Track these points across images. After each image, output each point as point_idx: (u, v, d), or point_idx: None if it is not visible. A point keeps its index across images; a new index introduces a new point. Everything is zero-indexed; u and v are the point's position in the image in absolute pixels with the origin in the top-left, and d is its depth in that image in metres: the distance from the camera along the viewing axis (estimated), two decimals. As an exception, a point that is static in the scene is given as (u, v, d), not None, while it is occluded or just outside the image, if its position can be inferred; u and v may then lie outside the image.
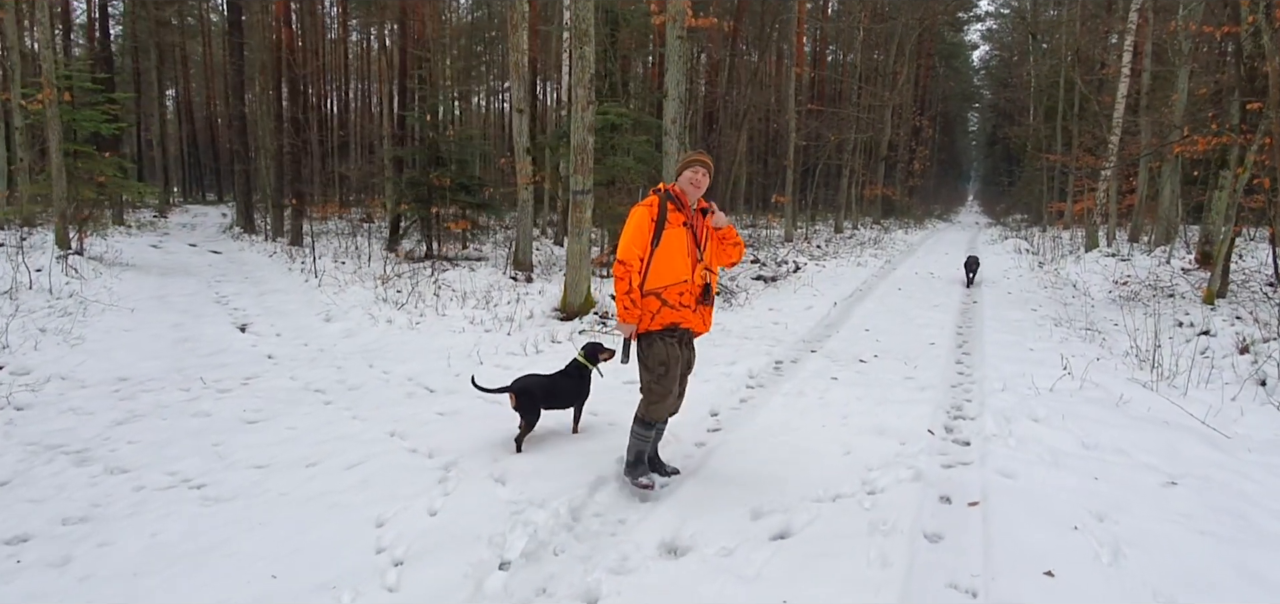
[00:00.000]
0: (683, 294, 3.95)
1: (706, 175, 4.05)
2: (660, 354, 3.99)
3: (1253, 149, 9.34)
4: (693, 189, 4.01)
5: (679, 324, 4.00)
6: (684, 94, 12.10)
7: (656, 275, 3.93)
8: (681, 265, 3.95)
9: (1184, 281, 11.93)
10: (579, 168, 8.56)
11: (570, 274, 8.89)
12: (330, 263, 14.31)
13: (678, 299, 3.97)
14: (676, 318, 3.98)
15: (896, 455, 4.64)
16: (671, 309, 3.96)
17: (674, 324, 3.99)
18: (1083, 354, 7.47)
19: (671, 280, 3.94)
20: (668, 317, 3.97)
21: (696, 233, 4.02)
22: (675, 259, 3.94)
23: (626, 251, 3.91)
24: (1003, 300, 11.24)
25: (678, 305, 3.97)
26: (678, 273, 3.95)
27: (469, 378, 5.81)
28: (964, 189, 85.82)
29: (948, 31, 48.10)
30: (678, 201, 4.01)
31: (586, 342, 6.04)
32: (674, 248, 3.93)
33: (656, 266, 3.92)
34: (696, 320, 4.07)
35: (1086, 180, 25.23)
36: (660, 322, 3.96)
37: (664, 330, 3.98)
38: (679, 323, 3.99)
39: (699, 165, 4.02)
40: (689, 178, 4.01)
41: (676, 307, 3.97)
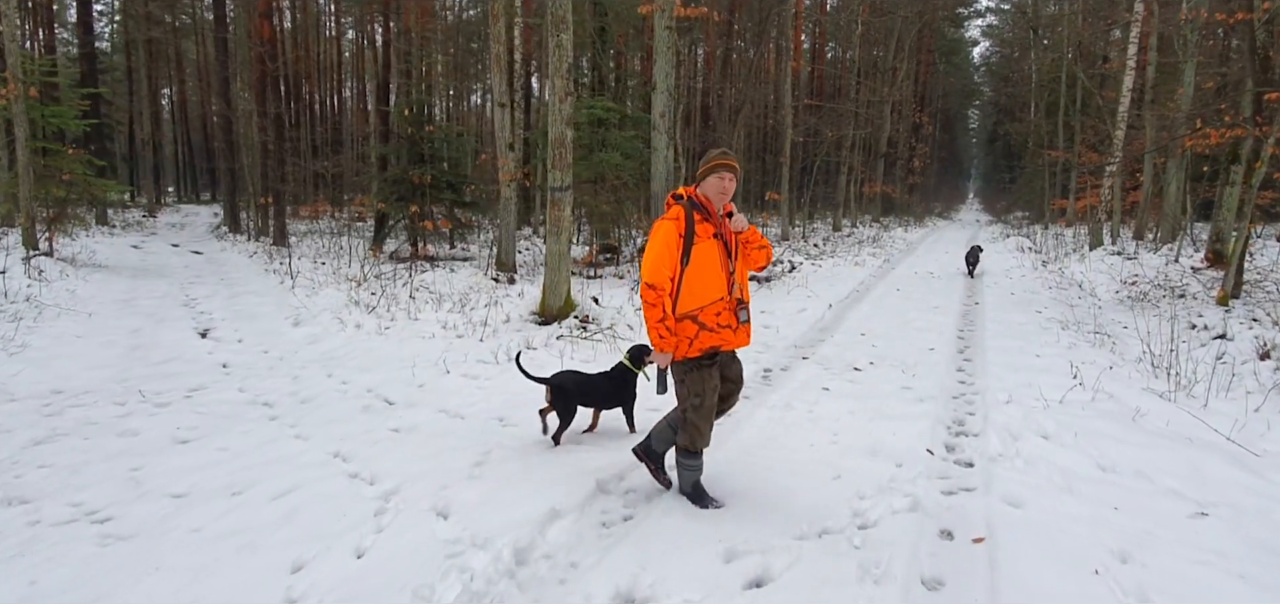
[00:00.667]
0: (721, 313, 3.59)
1: (733, 180, 3.65)
2: (697, 383, 3.63)
3: (1270, 141, 8.85)
4: (720, 196, 3.63)
5: (720, 347, 3.64)
6: (673, 87, 11.61)
7: (690, 296, 3.55)
8: (716, 282, 3.58)
9: (1195, 281, 11.44)
10: (557, 163, 8.08)
11: (549, 276, 8.41)
12: (309, 264, 13.85)
13: (716, 320, 3.59)
14: (717, 341, 3.61)
15: (891, 480, 4.16)
16: (711, 332, 3.59)
17: (714, 348, 3.62)
18: (1093, 361, 6.98)
19: (708, 300, 3.57)
20: (707, 341, 3.59)
21: (728, 243, 3.64)
22: (709, 276, 3.56)
23: (655, 273, 3.50)
24: (1006, 301, 10.75)
25: (716, 326, 3.59)
26: (713, 290, 3.57)
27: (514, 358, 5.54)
28: (964, 187, 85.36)
29: (948, 28, 47.61)
30: (704, 210, 3.61)
31: (633, 344, 5.66)
32: (707, 263, 3.55)
33: (689, 286, 3.54)
34: (739, 338, 3.72)
35: (1089, 177, 24.76)
36: (699, 347, 3.59)
37: (703, 356, 3.62)
38: (720, 346, 3.63)
39: (725, 170, 3.61)
40: (715, 184, 3.61)
41: (716, 328, 3.59)
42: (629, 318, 8.76)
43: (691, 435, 3.72)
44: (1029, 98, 34.66)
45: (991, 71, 54.62)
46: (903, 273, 14.76)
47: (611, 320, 8.52)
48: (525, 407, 5.62)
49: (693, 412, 3.67)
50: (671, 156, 11.90)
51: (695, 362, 3.62)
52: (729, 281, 3.62)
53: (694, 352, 3.59)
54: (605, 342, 7.74)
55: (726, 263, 3.61)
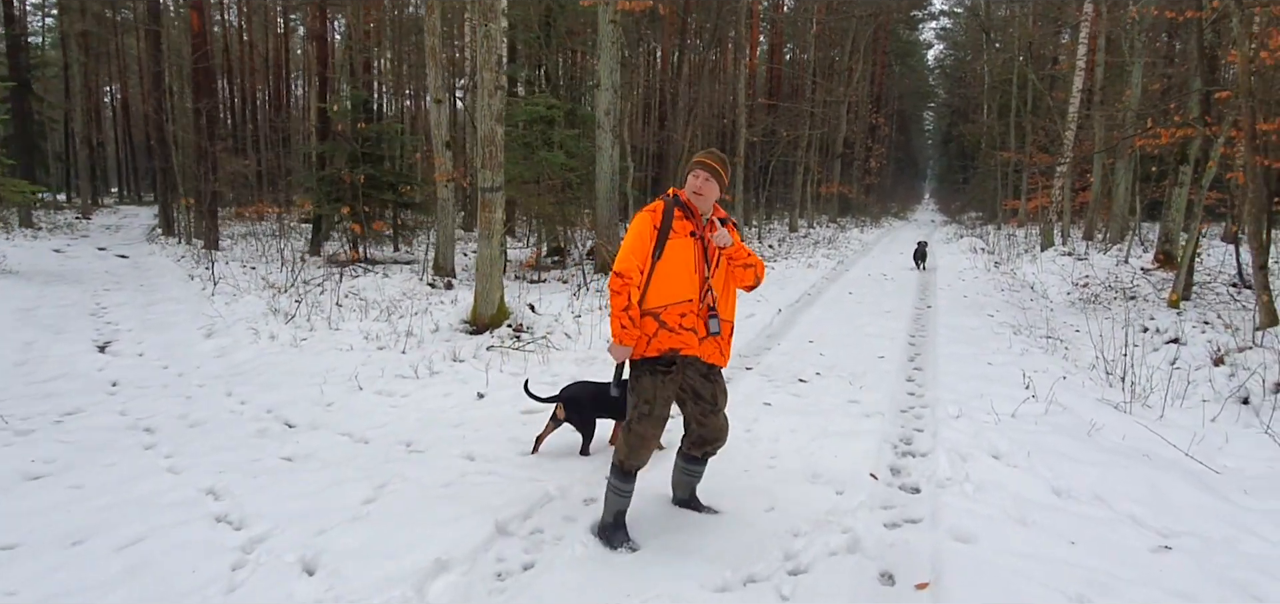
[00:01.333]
0: (685, 315, 3.38)
1: (712, 180, 3.45)
2: (648, 389, 3.39)
3: (1219, 141, 8.72)
4: (698, 197, 3.43)
5: (679, 350, 3.39)
6: (618, 84, 11.17)
7: (657, 292, 3.37)
8: (686, 282, 3.38)
9: (1145, 283, 11.36)
10: (487, 162, 7.57)
11: (480, 283, 7.89)
12: (239, 268, 13.09)
13: (679, 321, 3.37)
14: (677, 342, 3.37)
15: (830, 512, 3.76)
16: (670, 332, 3.36)
17: (672, 350, 3.39)
18: (1046, 369, 6.70)
19: (673, 299, 3.37)
20: (665, 341, 3.37)
21: (708, 247, 3.45)
22: (680, 274, 3.37)
23: (624, 262, 3.32)
24: (958, 304, 10.51)
25: (679, 328, 3.37)
26: (681, 290, 3.37)
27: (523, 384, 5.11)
28: (920, 187, 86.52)
29: (902, 30, 48.01)
30: (687, 209, 3.45)
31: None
32: (678, 261, 3.37)
33: (657, 282, 3.36)
34: (705, 349, 3.47)
35: (1040, 177, 24.95)
36: (656, 347, 3.38)
37: (660, 358, 3.39)
38: (679, 348, 3.39)
39: (700, 168, 3.46)
40: (689, 182, 3.46)
41: (677, 329, 3.37)
42: (567, 325, 8.28)
43: (630, 448, 3.41)
44: (982, 99, 34.99)
45: (945, 74, 55.33)
46: (857, 274, 14.52)
47: (548, 329, 8.03)
48: (438, 427, 5.12)
49: (638, 421, 3.39)
50: (617, 156, 11.45)
51: (651, 364, 3.39)
52: (702, 286, 3.42)
53: (651, 351, 3.37)
54: (539, 352, 7.25)
55: (701, 266, 3.42)
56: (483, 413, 5.45)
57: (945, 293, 11.76)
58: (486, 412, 5.50)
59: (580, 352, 7.43)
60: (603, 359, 7.18)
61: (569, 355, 7.26)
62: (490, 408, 5.59)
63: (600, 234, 11.69)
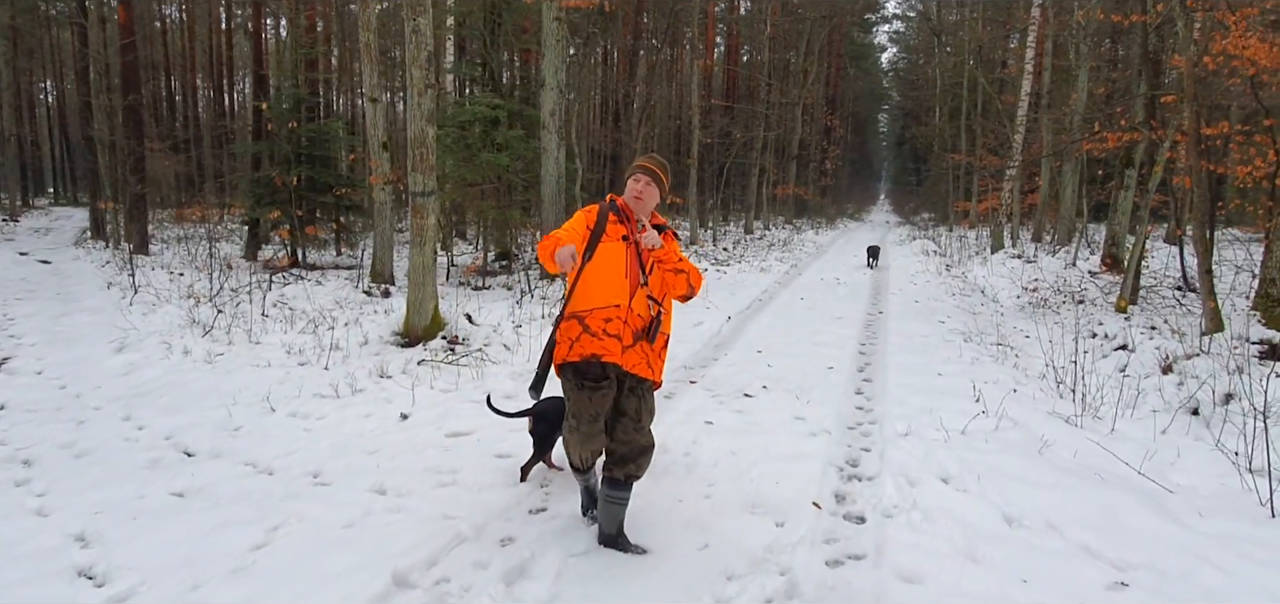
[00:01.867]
0: (610, 320, 3.23)
1: (652, 185, 3.39)
2: (572, 401, 3.35)
3: (1165, 146, 8.70)
4: (637, 202, 3.38)
5: (599, 356, 3.22)
6: (563, 83, 10.80)
7: (583, 295, 3.26)
8: (615, 287, 3.25)
9: (1093, 286, 11.38)
10: (418, 165, 7.14)
11: (412, 292, 7.46)
12: (165, 276, 12.38)
13: (603, 326, 3.23)
14: (598, 348, 3.22)
15: (768, 549, 3.46)
16: (592, 337, 3.23)
17: (593, 356, 3.23)
18: (996, 379, 6.53)
19: (599, 303, 3.24)
20: (587, 346, 3.23)
21: (642, 255, 3.33)
22: (608, 278, 3.25)
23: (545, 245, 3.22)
24: (909, 310, 10.38)
25: (602, 334, 3.22)
26: (608, 294, 3.24)
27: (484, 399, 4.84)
28: (876, 188, 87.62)
29: (856, 33, 48.43)
30: (622, 215, 3.38)
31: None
32: (608, 264, 3.26)
33: (584, 284, 3.25)
34: (630, 359, 3.29)
35: (990, 180, 25.24)
36: (578, 351, 3.25)
37: (581, 363, 3.26)
38: (599, 355, 3.22)
39: (641, 173, 3.40)
40: (629, 187, 3.41)
41: (599, 335, 3.23)
42: (506, 336, 7.90)
43: (567, 450, 3.53)
44: (934, 102, 35.40)
45: (898, 77, 56.03)
46: (809, 278, 14.36)
47: (485, 340, 7.63)
48: (352, 454, 4.70)
49: (568, 431, 3.42)
50: (563, 158, 11.08)
51: (576, 374, 3.28)
52: (631, 293, 3.27)
53: (573, 355, 3.26)
54: (473, 367, 6.85)
55: (634, 272, 3.29)
56: (403, 437, 5.05)
57: (897, 297, 11.64)
58: (408, 435, 5.10)
59: (518, 364, 7.05)
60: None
61: (505, 369, 6.87)
62: (413, 431, 5.19)
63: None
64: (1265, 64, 7.83)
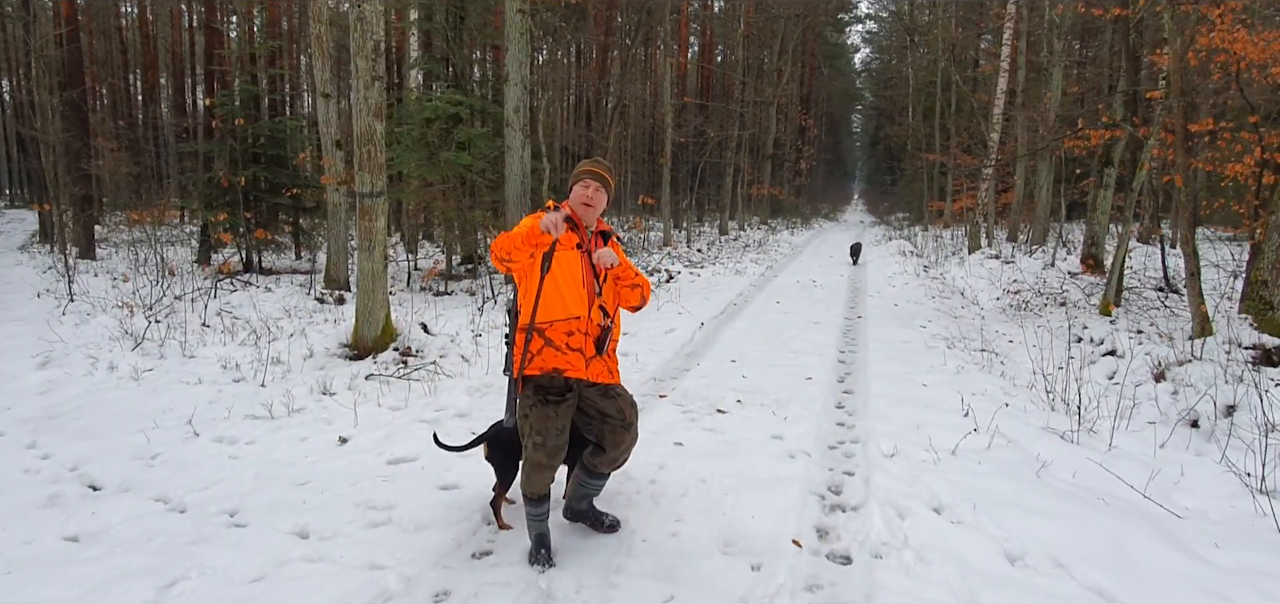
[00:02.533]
0: (572, 334, 3.19)
1: (600, 191, 3.30)
2: (538, 422, 3.22)
3: (1150, 143, 8.42)
4: (585, 208, 3.28)
5: (563, 371, 3.20)
6: (528, 79, 10.31)
7: (545, 307, 3.17)
8: (575, 298, 3.19)
9: (1074, 288, 11.11)
10: (366, 164, 6.62)
11: (361, 301, 6.93)
12: (108, 282, 11.67)
13: (565, 340, 3.19)
14: (561, 362, 3.19)
15: (743, 600, 3.02)
16: (555, 351, 3.18)
17: (556, 370, 3.20)
18: (984, 390, 6.15)
19: (560, 315, 3.17)
20: (549, 359, 3.18)
21: (592, 261, 3.27)
22: (568, 289, 3.18)
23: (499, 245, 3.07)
24: (889, 315, 10.01)
25: (564, 347, 3.19)
26: (569, 306, 3.18)
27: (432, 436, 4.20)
28: (850, 188, 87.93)
29: (830, 33, 48.38)
30: (571, 222, 3.27)
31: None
32: (566, 274, 3.17)
33: (546, 297, 3.16)
34: (592, 371, 3.28)
35: (965, 179, 25.12)
36: (539, 365, 3.19)
37: (550, 385, 3.21)
38: (563, 369, 3.20)
39: (588, 178, 3.29)
40: (577, 193, 3.29)
41: (563, 348, 3.18)
42: (464, 347, 7.39)
43: (526, 476, 3.30)
44: (907, 101, 35.35)
45: (872, 77, 56.13)
46: (785, 281, 13.99)
47: (442, 351, 7.13)
48: (278, 486, 4.19)
49: (532, 450, 3.25)
50: (528, 156, 10.59)
51: (539, 389, 3.21)
52: (590, 302, 3.23)
53: (533, 368, 3.19)
54: (426, 381, 6.34)
55: (590, 282, 3.24)
56: (339, 464, 4.54)
57: (875, 301, 11.29)
58: (345, 462, 4.59)
59: (476, 377, 6.56)
60: (501, 388, 6.33)
61: (462, 383, 6.38)
62: (350, 457, 4.68)
63: (511, 241, 10.81)
64: (1254, 57, 7.57)
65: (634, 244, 19.30)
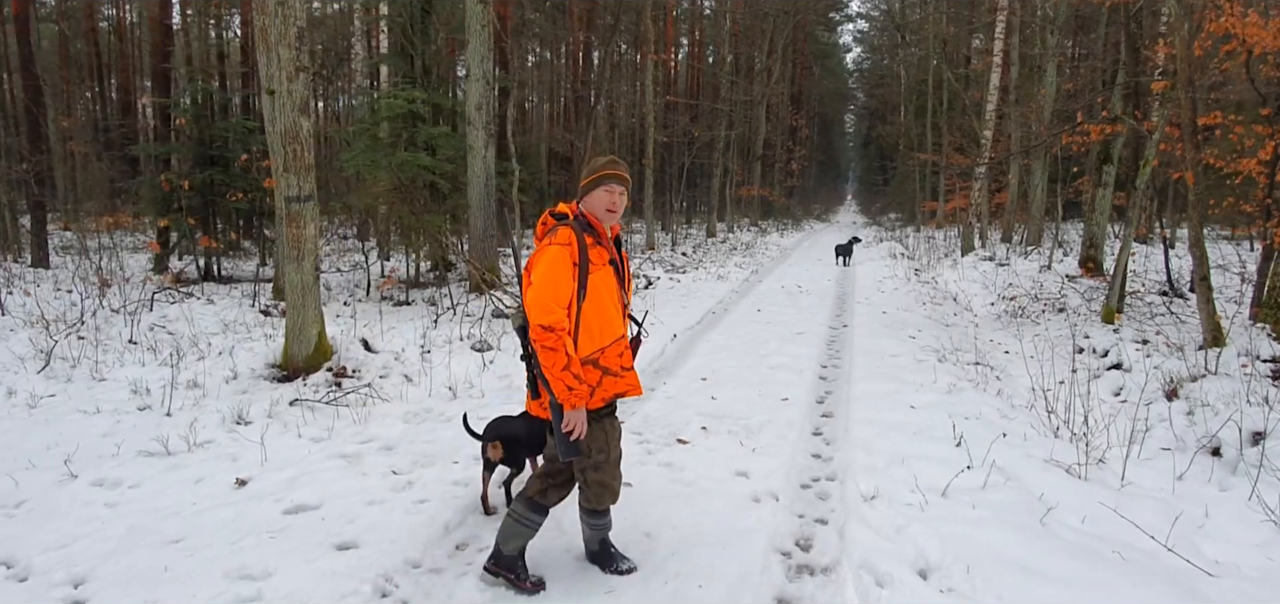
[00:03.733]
0: (622, 354, 3.06)
1: (625, 194, 3.06)
2: (600, 439, 3.04)
3: (1155, 138, 7.81)
4: (609, 215, 3.03)
5: (624, 394, 3.08)
6: (491, 74, 9.67)
7: (589, 336, 2.96)
8: (615, 318, 3.04)
9: (1073, 292, 10.50)
10: (292, 163, 5.97)
11: (291, 316, 6.28)
12: (50, 291, 10.96)
13: (619, 363, 3.05)
14: (622, 387, 3.07)
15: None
16: (615, 377, 3.03)
17: (618, 396, 3.07)
18: (979, 413, 5.52)
19: (610, 338, 3.01)
20: (611, 387, 3.02)
21: (621, 271, 3.13)
22: (609, 310, 3.00)
23: (551, 311, 2.81)
24: (877, 323, 9.38)
25: (620, 371, 3.05)
26: (612, 327, 3.02)
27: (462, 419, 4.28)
28: (843, 189, 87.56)
29: (821, 32, 47.84)
30: (594, 232, 3.01)
31: None
32: (604, 295, 2.99)
33: (587, 325, 2.94)
34: (636, 381, 3.15)
35: (958, 179, 24.56)
36: (602, 396, 3.00)
37: (604, 407, 3.04)
38: (625, 392, 3.08)
39: (614, 181, 3.00)
40: (603, 198, 3.00)
41: (619, 372, 3.05)
42: (409, 365, 6.74)
43: (598, 493, 3.12)
44: (899, 100, 34.83)
45: (864, 77, 55.64)
46: (770, 286, 13.35)
47: (382, 371, 6.47)
48: (145, 546, 3.54)
49: (596, 470, 3.07)
50: (493, 157, 9.94)
51: (595, 413, 3.02)
52: (625, 316, 3.13)
53: (596, 402, 2.99)
54: (357, 407, 5.68)
55: (621, 294, 3.10)
56: (226, 515, 3.88)
57: (863, 308, 10.66)
58: (235, 510, 3.93)
59: (416, 400, 5.90)
60: (441, 413, 5.68)
61: (397, 408, 5.72)
62: (245, 503, 4.02)
63: (474, 248, 10.12)
64: (1268, 44, 6.97)
65: (616, 248, 18.64)
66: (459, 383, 6.31)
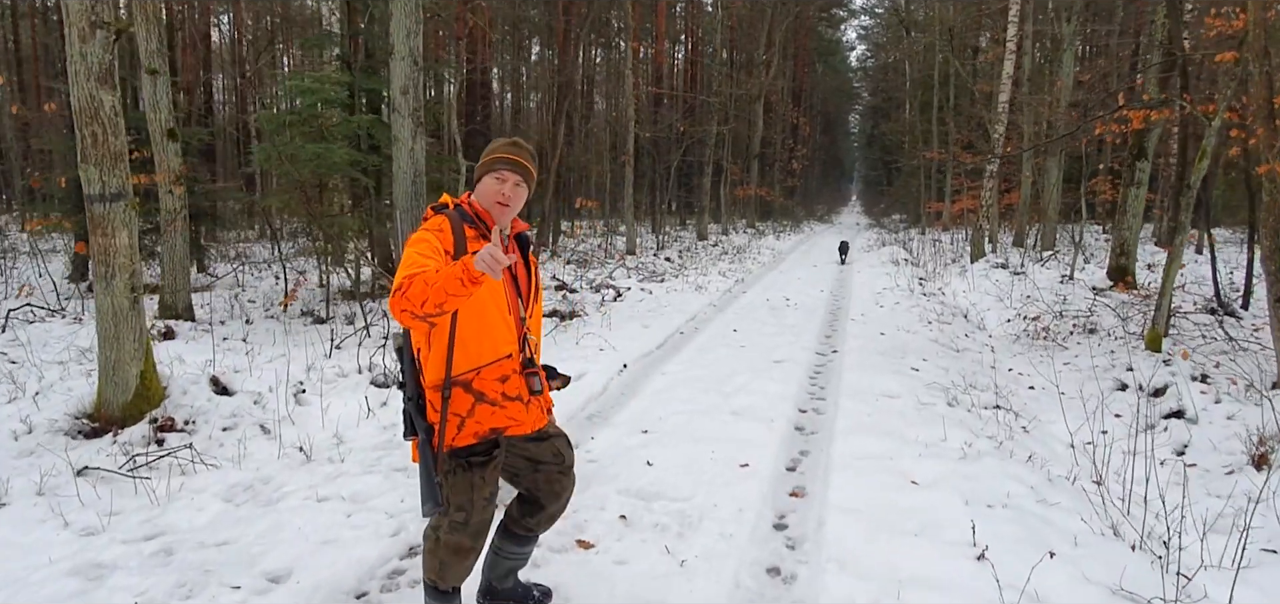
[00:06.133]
0: (506, 379, 2.31)
1: (521, 187, 2.34)
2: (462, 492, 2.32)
3: (1215, 122, 6.32)
4: (500, 208, 2.32)
5: (504, 431, 2.32)
6: (420, 53, 8.22)
7: (464, 350, 2.24)
8: (502, 333, 2.31)
9: (1104, 308, 8.99)
10: (91, 151, 4.51)
11: (104, 352, 4.82)
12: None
13: (500, 389, 2.30)
14: (502, 420, 2.31)
15: None
16: (493, 407, 2.29)
17: (497, 431, 2.31)
18: (1006, 494, 4.01)
19: (490, 357, 2.28)
20: (486, 419, 2.29)
21: (518, 278, 2.43)
22: (490, 321, 2.28)
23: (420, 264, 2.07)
24: (872, 349, 7.86)
25: (501, 399, 2.30)
26: (496, 344, 2.30)
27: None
28: (847, 189, 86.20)
29: (823, 28, 46.35)
30: (481, 224, 2.32)
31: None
32: (488, 303, 2.27)
33: (462, 336, 2.23)
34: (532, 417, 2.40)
35: (965, 178, 23.06)
36: (473, 430, 2.28)
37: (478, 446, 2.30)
38: (504, 428, 2.32)
39: (505, 168, 2.32)
40: (490, 188, 2.32)
41: (500, 401, 2.30)
42: (273, 409, 5.28)
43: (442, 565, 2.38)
44: (904, 97, 33.36)
45: (868, 76, 54.17)
46: (754, 298, 11.86)
47: (230, 420, 5.01)
48: None
49: (449, 530, 2.35)
50: (422, 150, 8.49)
51: (465, 455, 2.31)
52: (519, 334, 2.38)
53: (465, 437, 2.27)
54: (166, 476, 4.23)
55: (515, 305, 2.38)
56: None
57: (858, 327, 9.15)
58: None
59: (249, 470, 4.43)
60: (279, 487, 4.23)
61: (223, 480, 4.26)
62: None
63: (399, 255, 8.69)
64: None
65: (592, 254, 17.16)
66: (320, 439, 4.86)
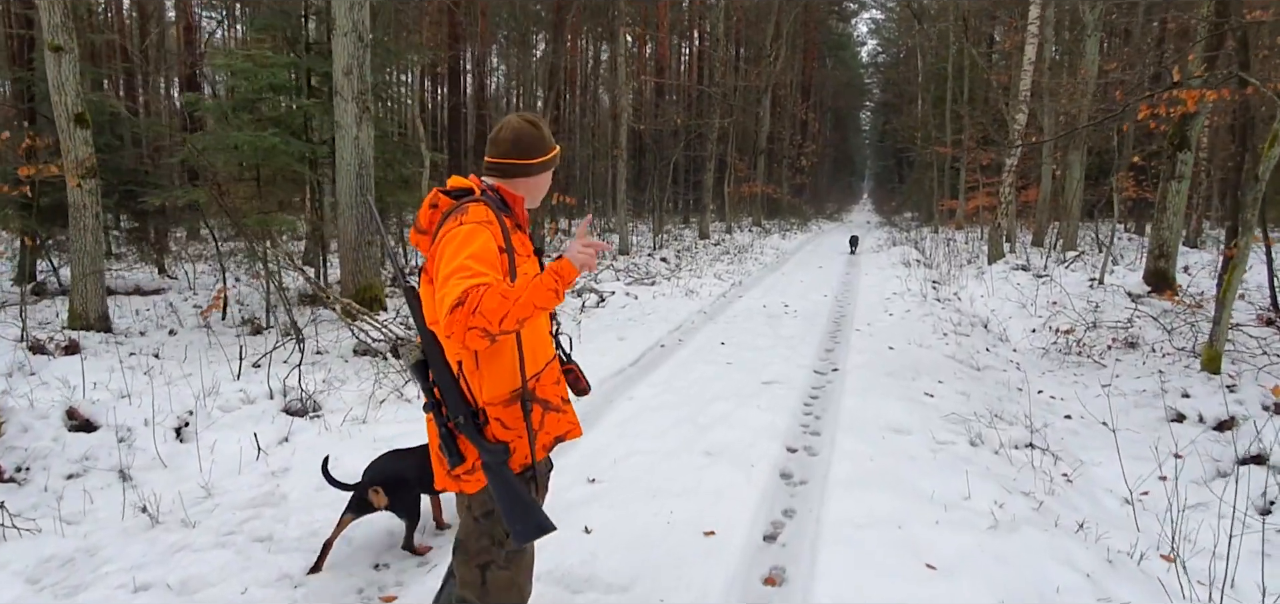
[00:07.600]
0: (558, 381, 2.21)
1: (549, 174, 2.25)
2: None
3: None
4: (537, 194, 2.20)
5: (565, 437, 2.21)
6: (366, 29, 7.26)
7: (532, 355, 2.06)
8: (546, 329, 2.20)
9: (1144, 318, 7.92)
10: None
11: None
12: None
13: (557, 391, 2.19)
14: (565, 425, 2.20)
15: None
16: (557, 413, 2.16)
17: (559, 439, 2.19)
18: (1055, 590, 2.99)
19: (545, 358, 2.14)
20: (555, 427, 2.16)
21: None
22: (541, 320, 2.16)
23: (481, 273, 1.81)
24: (879, 368, 6.82)
25: (560, 402, 2.19)
26: (547, 343, 2.18)
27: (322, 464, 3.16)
28: (858, 187, 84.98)
29: (834, 22, 45.18)
30: (515, 216, 2.12)
31: None
32: None
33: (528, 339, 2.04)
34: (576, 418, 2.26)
35: (980, 174, 21.95)
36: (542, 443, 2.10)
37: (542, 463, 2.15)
38: (566, 434, 2.22)
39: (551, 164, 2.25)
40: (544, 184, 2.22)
41: (560, 405, 2.18)
42: (144, 448, 4.32)
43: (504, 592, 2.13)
44: (916, 90, 32.20)
45: (880, 72, 52.95)
46: (749, 304, 10.82)
47: (79, 465, 4.07)
48: None
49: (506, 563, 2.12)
50: (368, 139, 7.54)
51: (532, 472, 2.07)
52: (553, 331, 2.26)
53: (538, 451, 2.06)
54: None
55: None
56: None
57: (863, 340, 8.10)
58: None
59: (77, 537, 3.47)
60: (107, 559, 3.27)
61: (39, 550, 3.31)
62: None
63: (344, 259, 7.71)
64: None
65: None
66: (185, 491, 3.89)
